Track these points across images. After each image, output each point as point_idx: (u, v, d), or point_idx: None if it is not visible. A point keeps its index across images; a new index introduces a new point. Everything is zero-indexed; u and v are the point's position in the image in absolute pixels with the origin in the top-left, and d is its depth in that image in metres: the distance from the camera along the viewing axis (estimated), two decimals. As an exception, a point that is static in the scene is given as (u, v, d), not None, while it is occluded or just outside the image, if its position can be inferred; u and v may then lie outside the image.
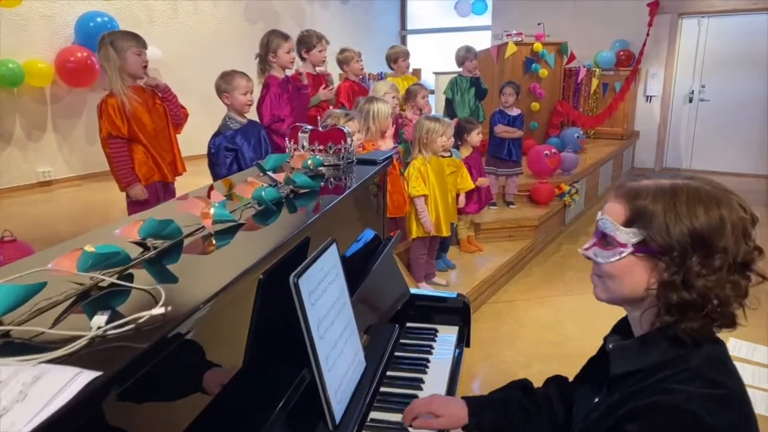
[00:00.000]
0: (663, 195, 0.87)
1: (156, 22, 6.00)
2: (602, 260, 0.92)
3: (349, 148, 1.60)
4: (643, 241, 0.88)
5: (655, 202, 0.87)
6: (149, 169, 2.88)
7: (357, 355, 1.15)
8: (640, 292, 0.90)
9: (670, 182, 0.90)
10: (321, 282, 1.03)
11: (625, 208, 0.90)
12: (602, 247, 0.93)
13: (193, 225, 0.99)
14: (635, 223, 0.89)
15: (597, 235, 0.95)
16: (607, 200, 0.97)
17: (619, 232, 0.90)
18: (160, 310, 0.64)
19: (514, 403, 1.18)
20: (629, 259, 0.89)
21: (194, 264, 0.91)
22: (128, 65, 2.80)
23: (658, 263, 0.87)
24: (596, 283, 0.98)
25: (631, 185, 0.93)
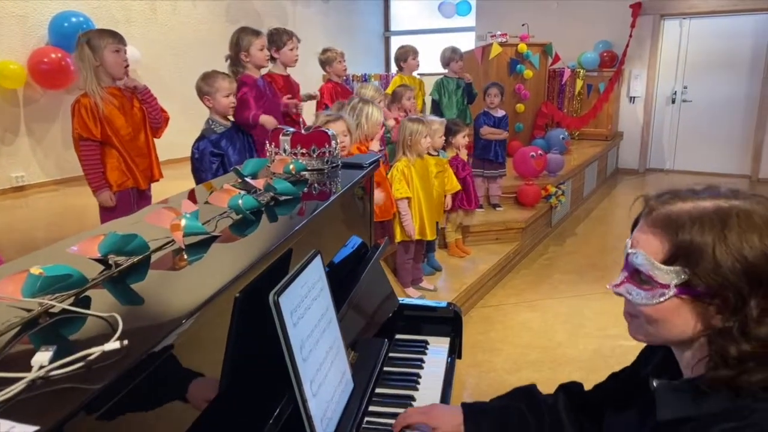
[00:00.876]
0: (710, 224, 0.73)
1: (134, 23, 5.86)
2: (640, 301, 0.79)
3: (334, 151, 1.51)
4: (688, 282, 0.74)
5: (702, 234, 0.73)
6: (121, 175, 2.76)
7: (344, 376, 1.07)
8: (687, 336, 0.78)
9: (714, 205, 0.75)
10: (304, 299, 0.95)
11: (664, 241, 0.76)
12: (637, 285, 0.79)
13: (161, 238, 0.90)
14: (678, 261, 0.75)
15: (627, 269, 0.81)
16: (639, 227, 0.82)
17: (659, 272, 0.76)
18: (115, 344, 0.55)
19: (515, 413, 1.09)
20: (673, 302, 0.76)
21: (162, 282, 0.82)
22: (107, 64, 2.68)
23: (708, 305, 0.74)
24: (631, 323, 0.85)
25: (667, 212, 0.78)
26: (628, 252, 0.82)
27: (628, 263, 0.81)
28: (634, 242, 0.82)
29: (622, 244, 0.86)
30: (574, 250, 4.83)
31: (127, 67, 2.79)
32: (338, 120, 2.36)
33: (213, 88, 2.69)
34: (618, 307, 0.86)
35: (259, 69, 3.28)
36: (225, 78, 2.73)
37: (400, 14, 9.85)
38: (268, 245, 0.94)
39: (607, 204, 6.39)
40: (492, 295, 3.96)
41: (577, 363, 3.01)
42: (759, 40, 6.86)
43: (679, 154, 7.66)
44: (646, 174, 7.75)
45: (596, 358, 3.06)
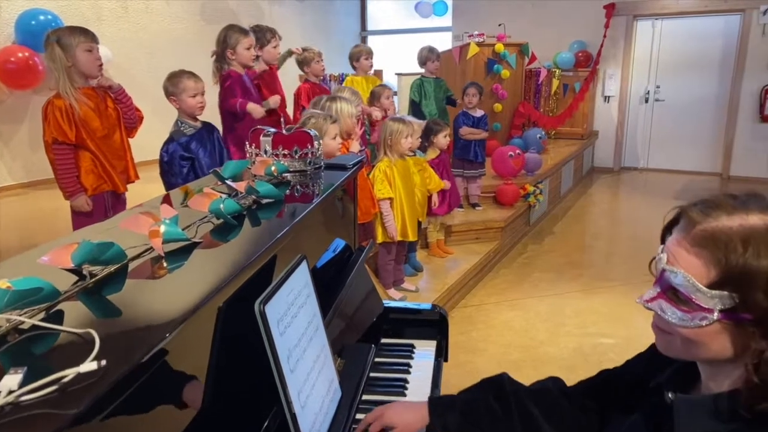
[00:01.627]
0: (764, 245, 0.66)
1: (105, 21, 5.71)
2: (677, 321, 0.73)
3: (317, 152, 1.47)
4: (734, 308, 0.68)
5: (757, 258, 0.66)
6: (97, 178, 2.66)
7: (332, 385, 1.04)
8: (724, 358, 0.73)
9: (765, 221, 0.68)
10: (291, 306, 0.91)
11: (711, 264, 0.69)
12: (673, 304, 0.73)
13: (139, 246, 0.85)
14: (726, 286, 0.68)
15: (662, 285, 0.75)
16: (677, 240, 0.74)
17: (702, 295, 0.70)
18: (91, 365, 0.51)
19: (482, 404, 1.07)
20: (714, 326, 0.70)
21: (142, 293, 0.78)
22: (80, 64, 2.58)
23: (754, 331, 0.68)
24: (661, 337, 0.79)
25: (712, 229, 0.70)
26: (664, 268, 0.74)
27: (664, 280, 0.74)
28: (671, 258, 0.74)
29: (599, 243, 0.82)
30: (553, 249, 4.86)
31: (101, 66, 2.70)
32: (335, 122, 2.32)
33: (178, 88, 2.60)
34: (597, 305, 0.83)
35: (243, 67, 3.23)
36: (191, 77, 2.64)
37: (377, 14, 9.82)
38: (252, 251, 0.90)
39: (583, 202, 6.46)
40: (473, 294, 3.96)
41: (558, 362, 3.01)
42: (728, 40, 7.01)
43: (652, 153, 7.79)
44: (621, 172, 7.87)
45: (577, 356, 3.07)
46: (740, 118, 7.03)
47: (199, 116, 2.77)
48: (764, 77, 6.76)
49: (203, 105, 2.73)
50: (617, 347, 3.12)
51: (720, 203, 0.73)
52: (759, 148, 6.96)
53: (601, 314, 3.54)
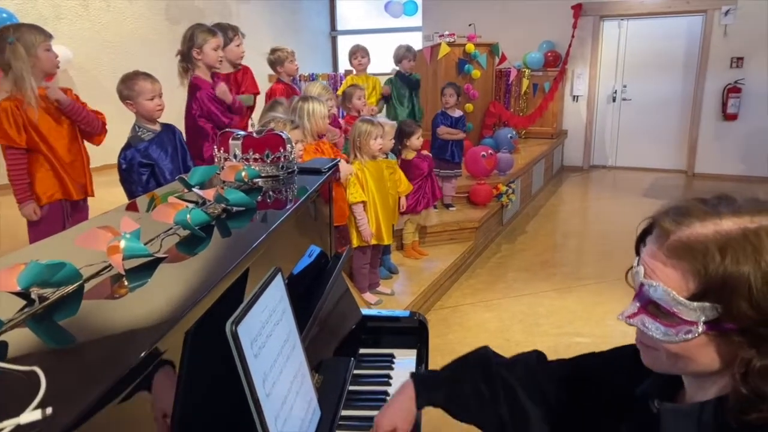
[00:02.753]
0: (743, 252, 0.64)
1: (64, 19, 5.50)
2: (660, 337, 0.70)
3: (290, 156, 1.41)
4: (719, 319, 0.66)
5: (736, 265, 0.64)
6: (50, 186, 2.52)
7: (311, 405, 0.97)
8: (713, 370, 0.70)
9: (739, 226, 0.66)
10: (265, 325, 0.85)
11: (689, 274, 0.67)
12: (655, 318, 0.71)
13: (97, 263, 0.78)
14: (707, 297, 0.66)
15: (641, 300, 0.72)
16: (651, 252, 0.71)
17: (684, 308, 0.67)
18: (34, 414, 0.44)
19: (469, 384, 1.06)
20: (700, 339, 0.68)
21: (99, 316, 0.70)
22: (42, 63, 2.45)
23: (741, 340, 0.66)
24: (646, 353, 0.76)
25: (686, 236, 0.68)
26: (642, 282, 0.71)
27: (643, 294, 0.71)
28: (648, 272, 0.71)
29: (571, 241, 0.79)
30: (526, 248, 4.88)
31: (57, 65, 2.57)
32: (297, 127, 2.25)
33: (134, 91, 2.46)
34: (571, 303, 0.80)
35: (209, 69, 3.11)
36: (147, 79, 2.51)
37: (347, 14, 9.75)
38: (223, 267, 0.83)
39: (554, 201, 6.52)
40: (449, 296, 3.93)
41: (536, 362, 3.00)
42: (691, 40, 7.17)
43: (620, 151, 7.92)
44: (590, 171, 7.97)
45: (553, 356, 3.04)
46: (704, 117, 7.19)
47: (159, 119, 2.65)
48: (726, 76, 6.94)
49: (162, 107, 2.59)
50: (593, 346, 3.08)
51: (691, 210, 0.70)
52: (722, 145, 7.14)
53: (576, 313, 3.55)
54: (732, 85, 6.90)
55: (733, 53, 6.86)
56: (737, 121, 6.98)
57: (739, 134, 7.02)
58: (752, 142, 6.94)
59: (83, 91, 3.07)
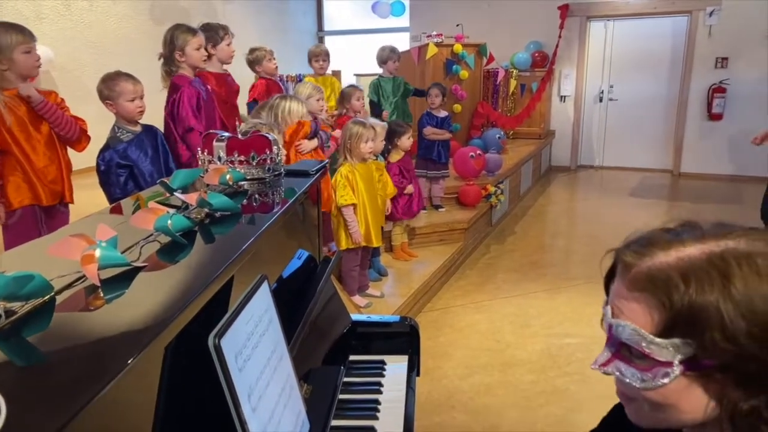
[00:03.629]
0: (708, 279, 0.58)
1: (45, 19, 5.39)
2: (637, 383, 0.63)
3: (276, 158, 1.36)
4: (695, 356, 0.59)
5: (701, 293, 0.58)
6: (21, 190, 2.42)
7: (299, 418, 0.93)
8: (703, 418, 0.63)
9: (702, 252, 0.61)
10: (251, 336, 0.81)
11: (654, 308, 0.61)
12: (629, 363, 0.64)
13: (70, 274, 0.73)
14: (677, 331, 0.60)
15: (612, 344, 0.66)
16: (617, 289, 0.66)
17: (656, 347, 0.61)
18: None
19: None
20: (680, 381, 0.61)
21: (71, 329, 0.66)
22: (18, 67, 2.36)
23: (724, 379, 0.60)
24: (628, 405, 0.69)
25: (647, 267, 0.63)
26: (610, 323, 0.66)
27: (613, 336, 0.65)
28: (615, 311, 0.65)
29: (559, 242, 0.74)
30: (515, 249, 4.87)
31: (38, 67, 2.48)
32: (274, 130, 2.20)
33: (115, 92, 2.41)
34: (560, 304, 0.76)
35: (194, 69, 3.05)
36: (128, 80, 2.45)
37: (334, 14, 9.70)
38: (206, 275, 0.79)
39: (543, 201, 6.52)
40: (438, 297, 3.91)
41: (527, 365, 2.98)
42: (677, 41, 7.22)
43: (607, 151, 7.96)
44: (578, 171, 8.00)
45: (545, 358, 3.05)
46: (689, 117, 7.25)
47: (140, 120, 2.59)
48: (711, 77, 7.00)
49: (143, 109, 2.54)
50: (583, 347, 3.11)
51: (653, 239, 0.65)
52: (707, 145, 7.20)
53: (566, 314, 3.54)
54: (717, 85, 6.96)
55: (717, 53, 6.92)
56: (722, 120, 7.04)
57: (724, 134, 7.09)
58: (737, 141, 7.00)
59: (65, 92, 3.00)
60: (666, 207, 6.21)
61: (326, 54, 4.57)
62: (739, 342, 0.57)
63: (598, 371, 0.67)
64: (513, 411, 2.60)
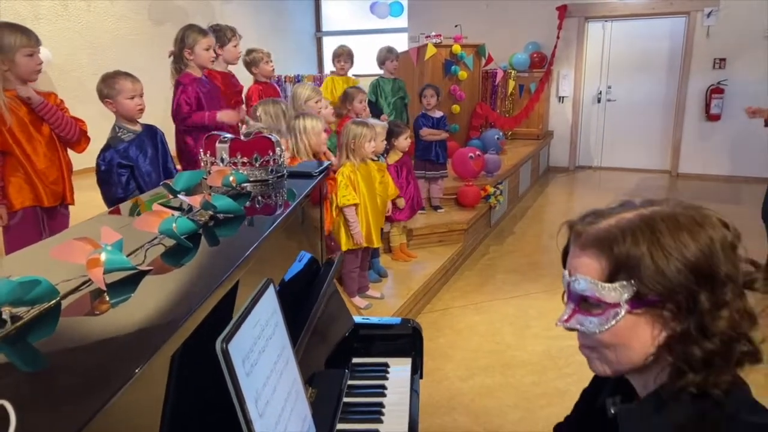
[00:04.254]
0: (640, 232, 0.73)
1: (43, 20, 5.37)
2: (595, 329, 0.75)
3: (279, 159, 1.35)
4: (637, 294, 0.73)
5: (635, 244, 0.72)
6: (23, 192, 2.40)
7: (305, 422, 0.92)
8: (650, 352, 0.75)
9: (637, 214, 0.76)
10: (257, 341, 0.80)
11: (601, 259, 0.75)
12: (587, 314, 0.76)
13: (76, 278, 0.72)
14: (620, 275, 0.73)
15: (572, 299, 0.78)
16: (571, 254, 0.80)
17: (605, 291, 0.74)
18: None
19: None
20: (627, 320, 0.73)
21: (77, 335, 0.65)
22: (19, 69, 2.33)
23: (663, 313, 0.73)
24: (591, 357, 0.81)
25: (595, 231, 0.77)
26: (568, 281, 0.79)
27: (572, 293, 0.78)
28: (571, 270, 0.79)
29: (558, 243, 0.86)
30: (514, 249, 4.87)
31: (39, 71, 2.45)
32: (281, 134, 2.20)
33: (114, 90, 2.41)
34: (560, 305, 0.81)
35: (201, 69, 3.10)
36: (127, 78, 2.45)
37: (332, 15, 9.69)
38: (213, 278, 0.78)
39: (541, 202, 6.52)
40: (438, 298, 3.90)
41: (527, 366, 2.98)
42: (675, 42, 7.23)
43: (605, 152, 7.96)
44: (576, 171, 8.00)
45: (545, 359, 3.05)
46: (687, 117, 7.26)
47: (139, 119, 2.59)
48: (709, 77, 7.00)
49: (142, 108, 2.54)
50: (584, 348, 3.11)
51: (599, 212, 0.81)
52: (705, 145, 7.21)
53: (566, 315, 3.53)
54: (715, 85, 6.97)
55: (715, 54, 6.93)
56: (720, 121, 7.05)
57: (722, 135, 7.09)
58: (735, 142, 7.02)
59: (63, 93, 2.98)
60: (664, 208, 6.21)
61: (348, 55, 4.60)
62: (670, 277, 0.70)
63: (562, 326, 0.79)
64: (514, 412, 2.59)
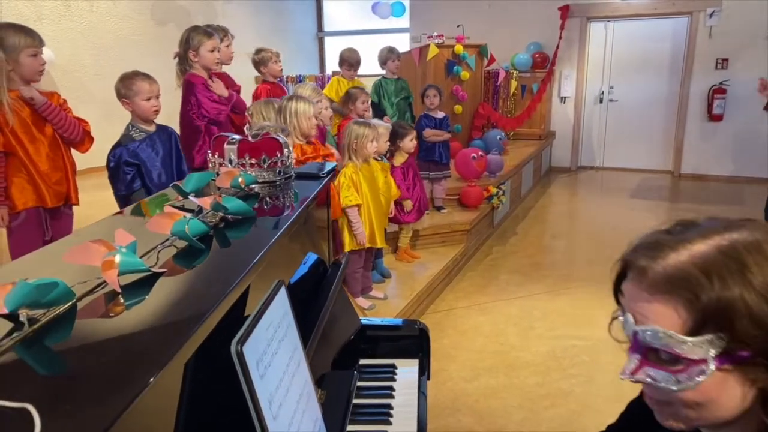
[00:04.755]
0: (728, 272, 0.59)
1: (46, 20, 5.38)
2: (674, 387, 0.62)
3: (287, 160, 1.36)
4: (728, 349, 0.60)
5: (724, 286, 0.59)
6: (26, 192, 2.40)
7: (317, 424, 0.92)
8: (741, 410, 0.63)
9: (712, 246, 0.62)
10: (270, 342, 0.80)
11: (681, 307, 0.61)
12: (661, 367, 0.63)
13: (90, 280, 0.72)
14: (707, 327, 0.60)
15: (639, 350, 0.65)
16: (634, 295, 0.65)
17: (688, 347, 0.60)
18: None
19: None
20: (715, 376, 0.61)
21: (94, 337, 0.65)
22: (22, 69, 2.34)
23: (759, 366, 0.60)
24: (660, 410, 0.67)
25: (664, 268, 0.63)
26: (635, 330, 0.65)
27: (639, 343, 0.64)
28: (638, 317, 0.65)
29: (561, 243, 0.73)
30: (517, 250, 4.86)
31: (42, 72, 2.46)
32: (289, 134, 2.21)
33: (132, 90, 2.44)
34: (564, 306, 0.75)
35: (206, 71, 3.12)
36: (145, 79, 2.48)
37: (334, 15, 9.68)
38: (227, 280, 0.78)
39: (544, 202, 6.52)
40: (441, 299, 3.90)
41: (531, 367, 2.98)
42: (677, 42, 7.22)
43: (607, 152, 7.96)
44: (578, 172, 8.00)
45: (550, 360, 3.05)
46: (689, 117, 7.25)
47: (155, 120, 2.60)
48: (711, 78, 7.00)
49: (158, 109, 2.56)
50: (588, 349, 3.11)
51: (660, 242, 0.66)
52: (707, 146, 7.20)
53: (569, 315, 3.53)
54: (717, 86, 6.97)
55: (718, 54, 6.92)
56: (722, 121, 7.04)
57: (725, 135, 7.09)
58: (737, 142, 7.01)
59: (66, 93, 2.99)
60: (666, 208, 6.21)
61: (357, 63, 4.62)
62: (765, 326, 0.58)
63: (628, 379, 0.66)
64: (518, 413, 2.59)
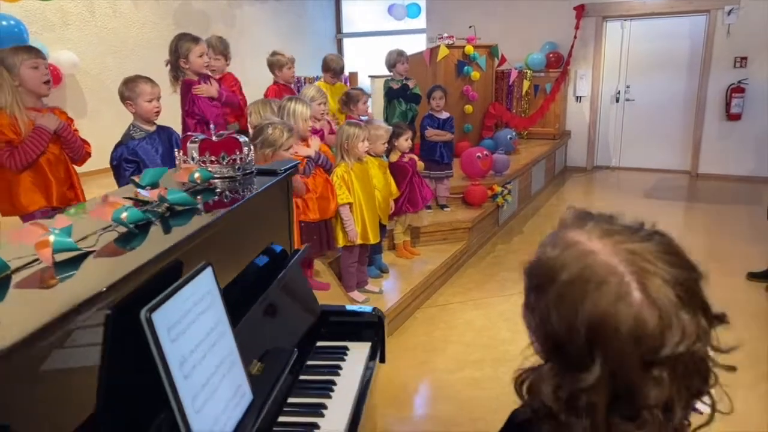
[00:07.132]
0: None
1: (71, 25, 5.66)
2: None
3: (246, 158, 1.49)
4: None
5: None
6: (31, 194, 2.56)
7: (240, 389, 1.05)
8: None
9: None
10: (187, 313, 0.93)
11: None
12: None
13: (26, 256, 0.87)
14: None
15: None
16: None
17: None
18: None
19: None
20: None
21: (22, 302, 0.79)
22: (26, 82, 2.50)
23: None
24: None
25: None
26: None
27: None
28: None
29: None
30: (521, 248, 4.92)
31: (48, 83, 2.60)
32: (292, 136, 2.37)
33: (135, 92, 2.62)
34: None
35: (197, 75, 3.29)
36: (147, 82, 2.65)
37: (352, 17, 9.83)
38: (147, 257, 0.91)
39: (555, 201, 6.53)
40: (439, 294, 3.99)
41: (518, 361, 3.04)
42: (695, 40, 7.13)
43: (624, 152, 7.89)
44: (594, 171, 7.96)
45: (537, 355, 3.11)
46: (707, 117, 7.15)
47: (155, 120, 2.77)
48: (729, 76, 6.89)
49: (158, 110, 2.74)
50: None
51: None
52: (726, 145, 7.09)
53: (563, 312, 3.58)
54: (735, 85, 6.85)
55: (736, 53, 6.81)
56: (741, 121, 6.93)
57: (743, 134, 6.97)
58: (756, 142, 6.89)
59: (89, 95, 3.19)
60: (683, 208, 6.16)
61: (340, 69, 4.69)
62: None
63: None
64: (499, 403, 2.68)
